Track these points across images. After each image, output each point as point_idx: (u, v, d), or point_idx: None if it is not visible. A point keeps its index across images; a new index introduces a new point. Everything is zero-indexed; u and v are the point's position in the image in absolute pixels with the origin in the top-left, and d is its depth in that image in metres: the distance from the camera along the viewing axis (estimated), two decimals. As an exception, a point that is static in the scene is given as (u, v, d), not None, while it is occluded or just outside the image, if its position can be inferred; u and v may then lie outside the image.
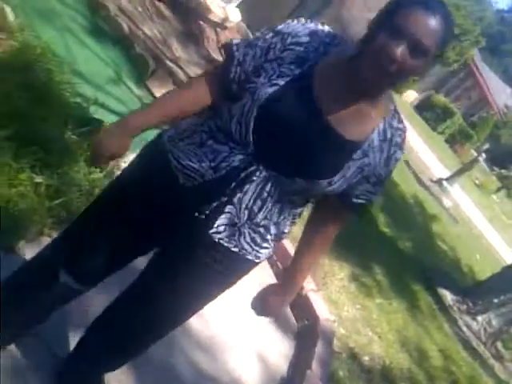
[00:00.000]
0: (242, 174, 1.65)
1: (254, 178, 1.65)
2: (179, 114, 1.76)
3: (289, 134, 1.61)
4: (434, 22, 1.50)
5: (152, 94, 4.86)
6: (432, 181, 13.48)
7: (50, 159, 2.88)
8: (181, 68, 5.57)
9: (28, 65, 3.27)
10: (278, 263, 4.42)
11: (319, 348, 3.78)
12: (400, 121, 1.71)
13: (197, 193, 1.69)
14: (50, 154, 2.91)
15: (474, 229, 14.60)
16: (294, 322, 4.09)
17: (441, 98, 26.89)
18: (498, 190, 26.55)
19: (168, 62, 5.38)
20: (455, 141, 26.54)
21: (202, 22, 7.03)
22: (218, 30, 7.56)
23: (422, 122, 23.91)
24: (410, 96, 26.31)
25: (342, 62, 1.62)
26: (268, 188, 1.67)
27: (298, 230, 1.92)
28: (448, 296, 7.20)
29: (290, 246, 4.53)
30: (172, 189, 1.71)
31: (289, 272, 1.92)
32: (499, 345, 7.46)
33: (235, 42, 1.73)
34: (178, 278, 1.82)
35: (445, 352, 6.01)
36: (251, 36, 9.06)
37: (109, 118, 3.62)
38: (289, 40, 1.64)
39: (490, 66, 37.99)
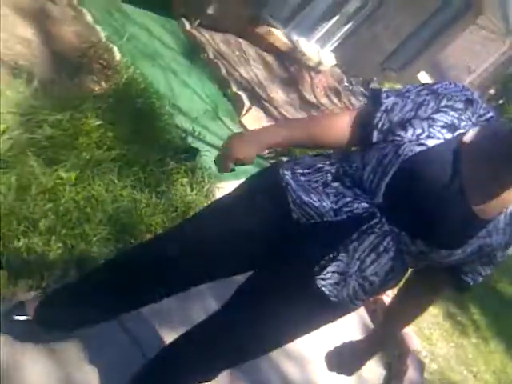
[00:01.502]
0: (364, 224, 1.58)
1: (375, 230, 1.58)
2: (314, 142, 1.74)
3: (423, 197, 1.54)
4: None
5: (245, 130, 5.09)
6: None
7: (149, 180, 3.10)
8: (275, 108, 5.80)
9: (133, 98, 3.56)
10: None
11: (409, 378, 3.74)
12: None
13: (312, 232, 1.63)
14: (151, 175, 3.13)
15: None
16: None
17: None
18: None
19: (263, 102, 5.61)
20: None
21: (296, 66, 7.29)
22: (313, 73, 7.79)
23: None
24: None
25: (492, 140, 1.55)
26: (386, 243, 1.59)
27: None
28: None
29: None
30: (285, 222, 1.65)
31: (375, 334, 1.89)
32: None
33: (385, 89, 1.69)
34: (272, 304, 1.75)
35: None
36: (345, 79, 9.25)
37: (204, 148, 3.84)
38: (444, 102, 1.58)
39: None
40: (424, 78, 15.17)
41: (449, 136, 1.54)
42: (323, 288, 1.64)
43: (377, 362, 3.92)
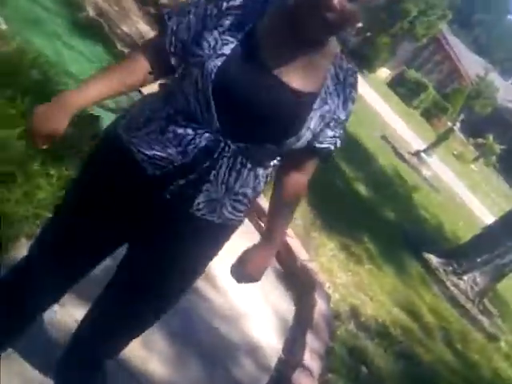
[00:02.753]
0: (213, 153, 1.63)
1: (226, 154, 1.63)
2: (119, 88, 1.69)
3: (248, 102, 1.58)
4: None
5: (138, 89, 5.10)
6: (410, 153, 13.83)
7: (56, 154, 3.13)
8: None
9: (27, 68, 3.51)
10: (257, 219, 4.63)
11: (319, 310, 4.07)
12: (348, 62, 1.71)
13: (168, 180, 1.66)
14: (57, 148, 3.15)
15: (456, 197, 15.00)
16: (293, 288, 4.39)
17: (413, 73, 27.29)
18: (476, 159, 27.06)
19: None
20: (431, 115, 26.98)
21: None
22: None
23: (396, 98, 24.28)
24: (383, 74, 26.67)
25: (282, 16, 1.60)
26: (240, 159, 1.66)
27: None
28: (434, 259, 7.54)
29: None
30: (141, 181, 1.67)
31: (266, 232, 1.91)
32: (486, 301, 7.83)
33: (166, 11, 1.68)
34: (166, 256, 1.80)
35: (435, 310, 6.36)
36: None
37: (103, 114, 3.87)
38: (224, 5, 1.60)
39: (460, 38, 38.47)
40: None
41: (241, 35, 1.57)
42: (203, 216, 1.72)
43: (287, 298, 4.23)
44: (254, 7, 1.62)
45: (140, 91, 2.44)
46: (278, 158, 1.78)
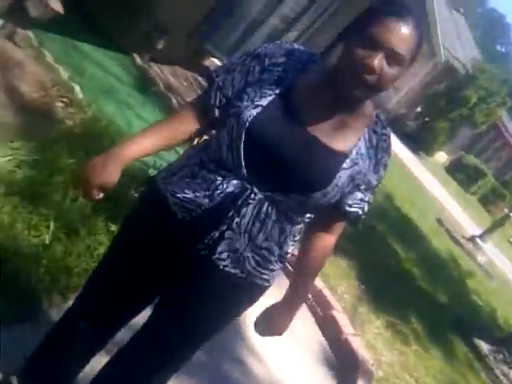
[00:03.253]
0: (238, 199, 1.65)
1: (250, 201, 1.66)
2: (169, 142, 1.76)
3: (278, 153, 1.62)
4: (407, 30, 1.55)
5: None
6: (465, 238, 13.67)
7: (119, 212, 3.35)
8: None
9: (98, 135, 3.80)
10: (319, 310, 4.77)
11: (360, 385, 4.08)
12: (384, 127, 1.74)
13: (195, 224, 1.70)
14: (119, 208, 3.38)
15: (510, 285, 14.62)
16: (335, 362, 4.41)
17: (471, 159, 27.16)
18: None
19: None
20: (488, 201, 26.62)
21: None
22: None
23: (454, 183, 24.15)
24: (440, 157, 26.64)
25: (321, 77, 1.67)
26: (265, 209, 1.67)
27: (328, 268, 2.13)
28: (484, 346, 7.38)
29: (329, 294, 4.91)
30: (171, 226, 1.73)
31: (291, 288, 1.90)
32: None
33: (214, 69, 1.80)
34: (191, 310, 1.82)
35: (483, 399, 6.20)
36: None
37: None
38: (267, 62, 1.69)
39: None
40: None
41: (279, 90, 1.65)
42: (226, 268, 1.73)
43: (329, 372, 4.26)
44: (294, 65, 1.69)
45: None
46: (305, 216, 1.78)
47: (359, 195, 1.74)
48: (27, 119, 3.52)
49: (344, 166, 1.66)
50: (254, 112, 1.62)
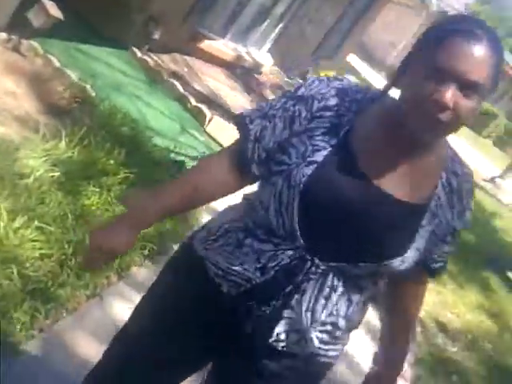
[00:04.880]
0: (297, 273, 1.37)
1: (312, 276, 1.37)
2: (193, 204, 1.54)
3: (342, 217, 1.34)
4: (482, 53, 1.24)
5: (213, 139, 5.54)
6: (485, 180, 13.74)
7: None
8: (234, 113, 6.27)
9: (118, 126, 3.98)
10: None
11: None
12: (463, 165, 1.45)
13: (247, 299, 1.42)
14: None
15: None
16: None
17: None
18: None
19: (222, 109, 6.08)
20: (504, 142, 26.57)
21: (241, 70, 7.78)
22: (256, 74, 8.30)
23: (465, 129, 24.12)
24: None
25: (384, 119, 1.36)
26: (329, 282, 1.39)
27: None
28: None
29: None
30: (217, 300, 1.45)
31: (386, 357, 1.66)
32: None
33: (246, 113, 1.45)
34: None
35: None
36: (284, 76, 9.79)
37: (186, 159, 4.32)
38: (315, 106, 1.36)
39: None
40: (353, 59, 15.88)
41: (334, 140, 1.34)
42: (285, 348, 1.45)
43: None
44: (349, 108, 1.36)
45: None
46: (380, 282, 1.51)
47: (445, 248, 1.48)
48: (51, 121, 3.70)
49: (423, 222, 1.38)
50: (309, 170, 1.32)
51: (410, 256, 1.37)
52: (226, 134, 5.21)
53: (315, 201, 1.34)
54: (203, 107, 5.81)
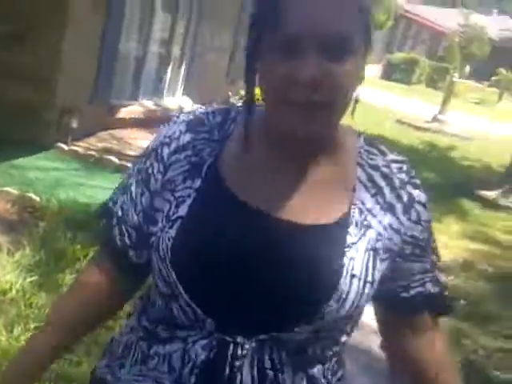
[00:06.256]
0: (223, 366, 1.05)
1: (242, 362, 1.04)
2: (76, 331, 1.22)
3: (237, 269, 1.03)
4: None
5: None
6: (428, 122, 14.20)
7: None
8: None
9: (73, 215, 4.25)
10: None
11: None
12: (383, 152, 1.12)
13: None
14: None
15: (494, 137, 15.16)
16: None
17: (398, 55, 27.87)
18: (500, 97, 27.12)
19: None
20: (435, 81, 27.33)
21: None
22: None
23: (394, 84, 24.73)
24: (371, 70, 27.24)
25: (255, 132, 1.08)
26: (266, 361, 1.05)
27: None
28: (489, 193, 7.90)
29: None
30: None
31: None
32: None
33: (111, 195, 1.21)
34: None
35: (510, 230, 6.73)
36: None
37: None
38: (165, 152, 1.11)
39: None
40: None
41: (198, 181, 1.07)
42: None
43: None
44: (209, 137, 1.11)
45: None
46: (341, 339, 1.12)
47: (413, 267, 1.12)
48: (11, 236, 3.95)
49: (349, 240, 1.04)
50: (173, 232, 1.05)
51: (347, 291, 1.01)
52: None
53: (194, 265, 1.04)
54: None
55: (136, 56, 7.81)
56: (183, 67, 9.19)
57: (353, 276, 1.02)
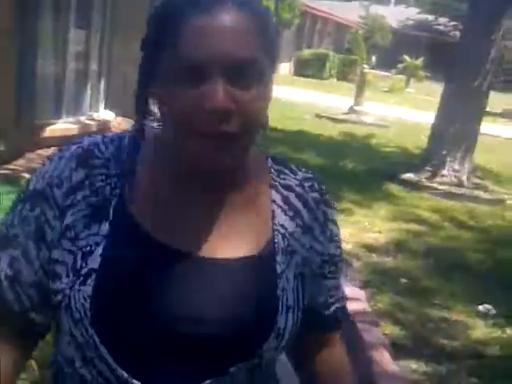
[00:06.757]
0: None
1: None
2: None
3: (171, 326, 0.94)
4: (235, 19, 0.89)
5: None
6: (345, 113, 14.61)
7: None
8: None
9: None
10: None
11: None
12: (294, 171, 1.09)
13: None
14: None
15: (405, 122, 15.77)
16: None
17: (306, 51, 28.44)
18: (407, 82, 28.18)
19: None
20: (346, 73, 28.09)
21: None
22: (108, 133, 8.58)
23: (308, 80, 25.24)
24: (283, 68, 27.69)
25: (155, 163, 1.00)
26: None
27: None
28: (412, 175, 8.28)
29: None
30: None
31: None
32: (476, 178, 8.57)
33: None
34: None
35: (435, 208, 7.10)
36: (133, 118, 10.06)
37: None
38: (57, 194, 0.96)
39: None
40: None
41: (105, 225, 0.95)
42: None
43: None
44: (106, 172, 0.98)
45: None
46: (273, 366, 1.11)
47: (328, 283, 1.11)
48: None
49: (279, 269, 1.00)
50: (88, 289, 0.92)
51: (283, 324, 0.97)
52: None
53: (120, 324, 0.93)
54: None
55: (55, 74, 7.72)
56: (102, 81, 9.15)
57: (288, 308, 0.99)
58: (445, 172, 8.19)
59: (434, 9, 33.02)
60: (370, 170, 8.70)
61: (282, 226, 1.03)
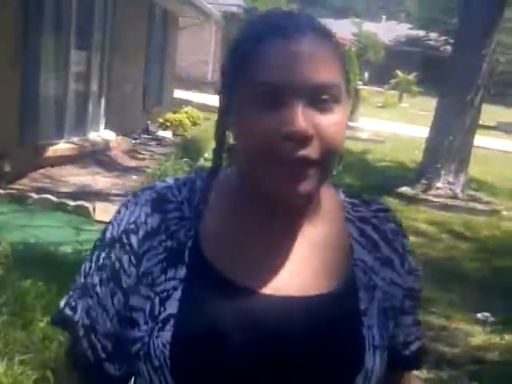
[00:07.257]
0: None
1: None
2: None
3: (259, 368, 0.90)
4: (315, 45, 0.89)
5: (105, 222, 5.91)
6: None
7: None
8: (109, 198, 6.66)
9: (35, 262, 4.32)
10: None
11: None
12: (367, 202, 1.06)
13: None
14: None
15: (401, 136, 15.97)
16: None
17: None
18: (400, 97, 28.47)
19: (97, 196, 6.47)
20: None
21: (89, 159, 8.18)
22: (108, 152, 8.73)
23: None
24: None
25: (229, 200, 0.99)
26: None
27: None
28: (408, 189, 8.42)
29: None
30: None
31: None
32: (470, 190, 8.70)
33: (64, 301, 1.03)
34: None
35: (431, 220, 7.21)
36: (132, 141, 10.26)
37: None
38: (134, 241, 0.95)
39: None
40: (180, 93, 16.56)
41: (182, 269, 0.94)
42: None
43: None
44: (180, 215, 0.97)
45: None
46: None
47: (408, 320, 1.07)
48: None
49: (362, 306, 0.97)
50: (167, 335, 0.90)
51: (371, 364, 0.94)
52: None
53: (203, 372, 0.91)
54: (82, 202, 6.17)
55: (56, 96, 7.87)
56: (102, 101, 9.30)
57: (375, 348, 0.94)
58: (439, 185, 8.34)
59: (425, 24, 33.46)
60: (366, 184, 8.85)
61: (362, 260, 0.99)
